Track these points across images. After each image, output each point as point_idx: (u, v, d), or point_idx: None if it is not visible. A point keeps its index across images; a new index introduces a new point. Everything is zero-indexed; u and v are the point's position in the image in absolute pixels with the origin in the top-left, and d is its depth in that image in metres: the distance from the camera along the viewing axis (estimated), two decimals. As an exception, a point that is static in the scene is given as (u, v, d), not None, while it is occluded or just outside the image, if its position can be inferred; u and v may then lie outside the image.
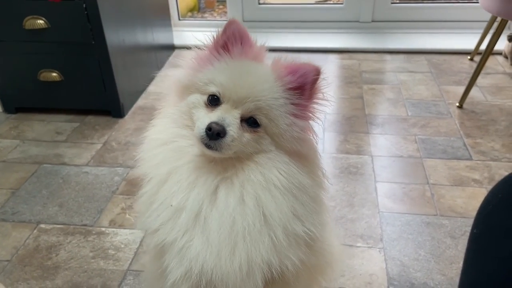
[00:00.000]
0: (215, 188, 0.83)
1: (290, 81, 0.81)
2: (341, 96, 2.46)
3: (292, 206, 0.82)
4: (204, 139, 0.79)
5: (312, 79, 0.81)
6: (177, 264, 0.84)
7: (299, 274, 0.89)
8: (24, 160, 2.02)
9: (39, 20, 2.05)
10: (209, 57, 0.85)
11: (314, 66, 0.80)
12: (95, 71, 2.19)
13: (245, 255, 0.81)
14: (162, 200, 0.85)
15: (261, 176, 0.82)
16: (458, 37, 3.02)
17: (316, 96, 0.83)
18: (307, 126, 0.84)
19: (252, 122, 0.81)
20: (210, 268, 0.82)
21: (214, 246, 0.82)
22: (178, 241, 0.83)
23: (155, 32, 2.72)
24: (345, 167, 1.88)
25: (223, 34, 0.85)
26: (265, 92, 0.80)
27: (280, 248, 0.83)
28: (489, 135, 2.07)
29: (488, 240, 0.70)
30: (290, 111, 0.81)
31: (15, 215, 1.69)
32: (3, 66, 2.25)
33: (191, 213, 0.82)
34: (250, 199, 0.81)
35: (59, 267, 1.47)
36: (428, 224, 1.58)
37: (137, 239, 1.56)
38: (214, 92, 0.82)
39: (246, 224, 0.81)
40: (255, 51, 0.85)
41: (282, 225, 0.82)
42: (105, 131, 2.21)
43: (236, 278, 0.83)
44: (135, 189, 1.79)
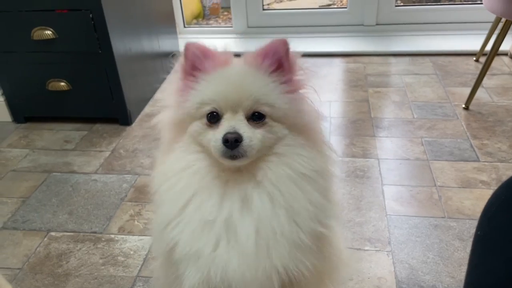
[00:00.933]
0: (248, 195, 0.84)
1: (268, 64, 0.84)
2: (346, 100, 2.47)
3: (317, 196, 0.85)
4: (226, 152, 0.80)
5: (284, 52, 0.84)
6: (195, 271, 0.85)
7: (310, 278, 0.89)
8: (34, 169, 2.04)
9: (47, 30, 2.09)
10: (186, 85, 0.87)
11: (280, 40, 0.83)
12: (102, 79, 2.22)
13: (269, 260, 0.83)
14: (190, 215, 0.85)
15: (287, 167, 0.84)
16: (463, 39, 3.01)
17: (295, 65, 0.86)
18: (301, 97, 0.87)
19: (257, 117, 0.83)
20: (232, 275, 0.83)
21: (241, 254, 0.83)
22: (203, 250, 0.83)
23: (161, 39, 2.75)
24: (352, 171, 1.89)
25: (186, 60, 0.87)
26: (253, 85, 0.82)
27: (299, 252, 0.84)
28: (496, 136, 2.06)
29: (491, 242, 0.71)
30: (283, 90, 0.84)
31: (26, 224, 1.71)
32: (12, 76, 2.29)
33: (224, 224, 0.83)
34: (281, 197, 0.83)
35: (70, 274, 1.49)
36: (436, 227, 1.58)
37: (146, 246, 1.58)
38: (210, 110, 0.83)
39: (277, 226, 0.82)
40: (223, 58, 0.87)
41: (308, 222, 0.84)
42: (113, 138, 2.23)
43: (257, 284, 0.84)
44: (143, 196, 1.82)
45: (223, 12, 4.05)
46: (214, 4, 3.99)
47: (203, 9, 4.00)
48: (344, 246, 1.15)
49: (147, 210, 1.74)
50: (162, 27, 2.81)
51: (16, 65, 2.24)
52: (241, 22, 3.30)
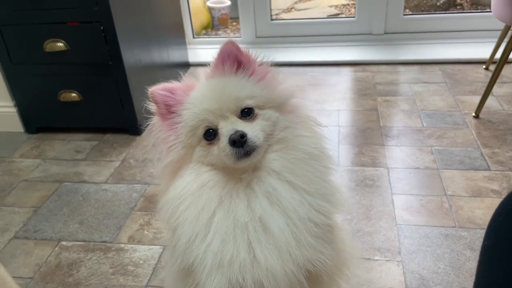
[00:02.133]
0: (273, 188, 0.85)
1: (230, 67, 0.90)
2: (355, 109, 2.47)
3: (324, 172, 0.89)
4: (238, 152, 0.82)
5: (236, 49, 0.90)
6: (220, 277, 0.84)
7: (328, 270, 0.90)
8: (45, 178, 2.07)
9: (59, 43, 2.12)
10: (170, 123, 0.90)
11: (227, 42, 0.90)
12: (113, 90, 2.24)
13: (299, 252, 0.84)
14: (219, 225, 0.85)
15: (296, 151, 0.88)
16: (472, 47, 3.00)
17: (251, 58, 0.92)
18: (270, 80, 0.92)
19: (247, 113, 0.87)
20: (263, 274, 0.83)
21: (275, 251, 0.84)
22: (240, 256, 0.84)
23: (170, 50, 2.78)
24: (361, 180, 1.88)
25: (158, 105, 0.91)
26: (227, 87, 0.87)
27: (319, 243, 0.86)
28: (507, 144, 2.04)
29: (499, 251, 0.70)
30: (254, 80, 0.90)
31: (37, 233, 1.73)
32: (25, 88, 2.33)
33: (256, 223, 0.84)
34: (301, 181, 0.86)
35: (80, 283, 1.50)
36: (446, 236, 1.57)
37: (156, 255, 1.58)
38: (204, 130, 0.86)
39: (304, 213, 0.84)
40: (187, 84, 0.92)
41: (326, 205, 0.87)
42: (123, 148, 2.26)
43: (288, 279, 0.85)
44: (153, 206, 1.82)
45: (232, 23, 4.08)
46: (223, 14, 4.03)
47: (212, 19, 4.03)
48: (349, 241, 1.15)
49: (157, 220, 1.75)
50: (171, 38, 2.85)
51: (28, 76, 2.28)
52: (250, 32, 3.33)
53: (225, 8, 4.01)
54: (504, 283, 0.66)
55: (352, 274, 1.12)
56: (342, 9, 4.25)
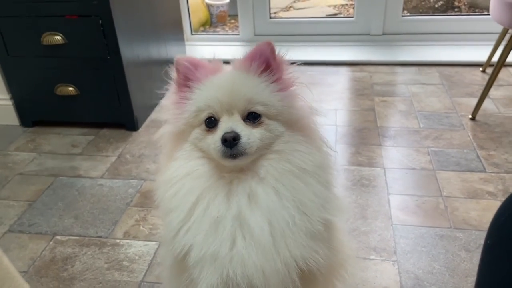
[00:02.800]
0: (253, 191, 0.86)
1: (257, 66, 0.88)
2: (352, 109, 2.47)
3: (320, 188, 0.87)
4: (226, 151, 0.83)
5: (270, 52, 0.88)
6: (212, 273, 0.85)
7: (322, 271, 0.91)
8: (40, 172, 2.05)
9: (57, 36, 2.11)
10: (182, 96, 0.91)
11: (264, 42, 0.87)
12: (110, 85, 2.23)
13: (288, 252, 0.84)
14: (199, 216, 0.86)
15: (288, 163, 0.87)
16: (470, 49, 3.01)
17: (283, 65, 0.90)
18: (293, 94, 0.90)
19: (253, 117, 0.86)
20: (253, 271, 0.84)
21: (259, 248, 0.84)
22: (220, 250, 0.84)
23: (168, 46, 2.77)
24: (358, 180, 1.88)
25: (178, 73, 0.92)
26: (245, 86, 0.86)
27: (313, 242, 0.86)
28: (502, 147, 2.05)
29: (501, 251, 0.71)
30: (274, 88, 0.88)
31: (32, 227, 1.72)
32: (21, 81, 2.31)
33: (234, 220, 0.85)
34: (286, 191, 0.85)
35: (75, 278, 1.49)
36: (442, 237, 1.57)
37: (151, 251, 1.58)
38: (207, 116, 0.87)
39: (288, 217, 0.84)
40: (212, 66, 0.92)
41: (316, 212, 0.86)
42: (120, 144, 2.25)
43: (278, 277, 0.85)
44: (149, 201, 1.82)
45: (230, 20, 4.08)
46: (222, 11, 4.02)
47: (210, 16, 4.03)
48: (347, 242, 1.15)
49: (153, 216, 1.74)
50: (169, 34, 2.84)
51: (25, 69, 2.26)
52: (248, 30, 3.32)
53: (224, 5, 4.01)
54: (506, 282, 0.66)
55: (349, 275, 1.12)
56: (341, 9, 4.26)
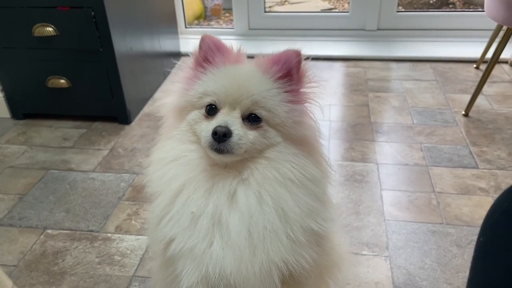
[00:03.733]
0: (233, 191, 0.85)
1: (277, 71, 0.85)
2: (346, 104, 2.47)
3: (306, 200, 0.85)
4: (213, 144, 0.81)
5: (295, 62, 0.84)
6: (193, 269, 0.85)
7: (310, 273, 0.90)
8: (31, 165, 2.03)
9: (48, 27, 2.08)
10: (195, 74, 0.89)
11: (294, 50, 0.84)
12: (103, 78, 2.21)
13: (265, 255, 0.83)
14: (179, 209, 0.86)
15: (276, 171, 0.84)
16: (463, 46, 3.02)
17: (304, 78, 0.87)
18: (304, 110, 0.88)
19: (253, 119, 0.84)
20: (230, 271, 0.83)
21: (235, 249, 0.83)
22: (198, 247, 0.84)
23: (162, 39, 2.74)
24: (351, 175, 1.88)
25: (200, 50, 0.89)
26: (256, 86, 0.84)
27: (297, 246, 0.84)
28: (495, 143, 2.06)
29: (494, 248, 0.71)
30: (286, 98, 0.85)
31: (22, 221, 1.70)
32: (12, 73, 2.28)
33: (211, 218, 0.84)
34: (268, 197, 0.83)
35: (66, 272, 1.48)
36: (434, 233, 1.58)
37: (143, 245, 1.57)
38: (209, 102, 0.86)
39: (266, 222, 0.82)
40: (235, 56, 0.90)
41: (299, 221, 0.84)
42: (112, 137, 2.23)
43: (256, 280, 0.84)
44: (141, 195, 1.81)
45: (225, 14, 4.05)
46: (216, 5, 4.00)
47: (205, 10, 4.00)
48: (341, 243, 1.15)
49: (145, 210, 1.73)
50: (163, 27, 2.81)
51: (16, 61, 2.23)
52: (243, 24, 3.30)
53: (218, -1, 3.98)
54: (499, 279, 0.66)
55: (342, 274, 1.12)
56: (336, 3, 4.25)
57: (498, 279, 0.67)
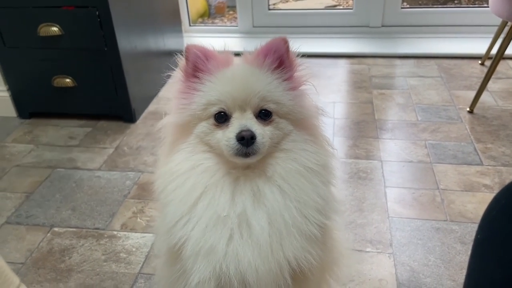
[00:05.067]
0: (259, 190, 0.85)
1: (270, 62, 0.86)
2: (350, 101, 2.47)
3: (324, 188, 0.87)
4: (241, 150, 0.81)
5: (284, 49, 0.86)
6: (205, 266, 0.85)
7: (314, 270, 0.91)
8: (38, 164, 2.05)
9: (53, 27, 2.10)
10: (190, 86, 0.88)
11: (280, 38, 0.86)
12: (108, 77, 2.22)
13: (282, 252, 0.84)
14: (200, 213, 0.85)
15: (295, 163, 0.86)
16: (468, 42, 3.01)
17: (295, 62, 0.89)
18: (303, 93, 0.90)
19: (264, 115, 0.85)
20: (246, 268, 0.84)
21: (255, 247, 0.84)
22: (216, 246, 0.84)
23: (166, 38, 2.75)
24: (355, 172, 1.89)
25: (187, 62, 0.88)
26: (259, 82, 0.85)
27: (309, 242, 0.86)
28: (500, 140, 2.06)
29: (491, 245, 0.71)
30: (286, 87, 0.87)
31: (29, 219, 1.72)
32: (18, 72, 2.30)
33: (238, 218, 0.84)
34: (291, 190, 0.85)
35: (72, 270, 1.50)
36: (438, 230, 1.58)
37: (148, 243, 1.58)
38: (218, 110, 0.85)
39: (289, 218, 0.84)
40: (224, 58, 0.89)
41: (316, 215, 0.86)
42: (117, 136, 2.24)
43: (270, 276, 0.85)
44: (146, 193, 1.83)
45: (229, 11, 4.05)
46: (220, 3, 4.00)
47: (209, 8, 4.00)
48: (342, 240, 1.15)
49: (150, 208, 1.75)
50: (167, 25, 2.82)
51: (22, 60, 2.25)
52: (247, 21, 3.31)
53: (222, -3, 3.98)
54: (496, 276, 0.67)
55: (341, 271, 1.12)
56: (340, 0, 4.23)
57: (495, 276, 0.67)
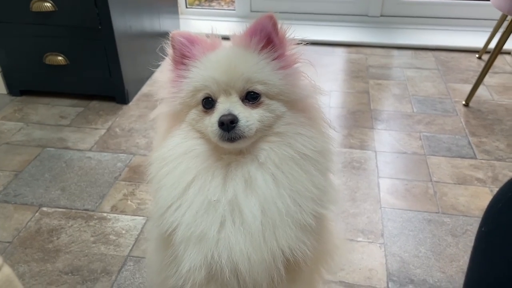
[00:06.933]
0: (250, 176, 0.83)
1: (257, 42, 0.83)
2: (346, 90, 2.45)
3: (320, 177, 0.84)
4: (224, 135, 0.79)
5: (272, 26, 0.83)
6: (196, 253, 0.84)
7: (308, 260, 0.89)
8: (27, 143, 2.02)
9: (47, 3, 2.04)
10: (178, 74, 0.86)
11: (266, 15, 0.83)
12: (101, 56, 2.18)
13: (275, 242, 0.82)
14: (191, 197, 0.84)
15: (290, 148, 0.83)
16: (467, 35, 2.99)
17: (285, 40, 0.85)
18: (296, 71, 0.86)
19: (252, 97, 0.82)
20: (239, 257, 0.82)
21: (247, 235, 0.82)
22: (207, 232, 0.82)
23: (162, 19, 2.70)
24: (348, 162, 1.88)
25: (174, 50, 0.87)
26: (243, 64, 0.81)
27: (304, 232, 0.84)
28: (494, 134, 2.06)
29: (496, 238, 0.70)
30: (276, 66, 0.83)
31: (18, 197, 1.70)
32: (9, 48, 2.25)
33: (229, 205, 0.82)
34: (285, 178, 0.82)
35: (60, 250, 1.48)
36: (429, 222, 1.58)
37: (138, 226, 1.57)
38: (204, 96, 0.83)
39: (282, 206, 0.81)
40: (210, 42, 0.87)
41: (311, 205, 0.83)
42: (109, 117, 2.21)
43: (263, 266, 0.83)
44: (138, 176, 1.80)
45: (227, -5, 3.99)
46: (218, -14, 3.93)
47: (206, -10, 3.93)
48: (337, 230, 1.14)
49: (141, 190, 1.73)
50: (164, 6, 2.77)
51: (13, 36, 2.20)
52: (245, 5, 3.26)
53: (220, -20, 3.91)
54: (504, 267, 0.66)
55: (334, 262, 1.12)
56: (339, -12, 4.18)
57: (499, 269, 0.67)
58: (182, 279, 0.87)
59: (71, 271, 1.40)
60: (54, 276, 1.39)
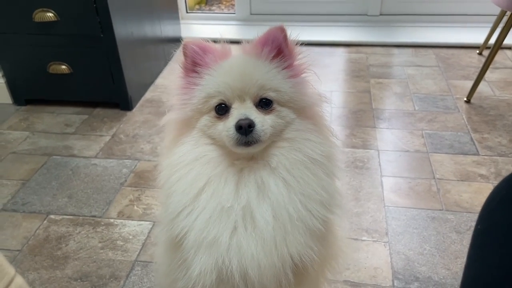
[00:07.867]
0: (263, 181, 0.85)
1: (268, 52, 0.86)
2: (348, 90, 2.46)
3: (328, 181, 0.87)
4: (241, 139, 0.81)
5: (283, 38, 0.86)
6: (207, 257, 0.85)
7: (315, 265, 0.91)
8: (34, 151, 2.04)
9: (49, 13, 2.07)
10: (189, 82, 0.88)
11: (277, 27, 0.85)
12: (104, 63, 2.21)
13: (285, 247, 0.84)
14: (203, 203, 0.85)
15: (299, 153, 0.86)
16: (466, 31, 3.00)
17: (294, 50, 0.88)
18: (304, 81, 0.89)
19: (265, 104, 0.85)
20: (250, 262, 0.83)
21: (259, 241, 0.83)
22: (219, 238, 0.84)
23: (163, 25, 2.73)
24: (351, 161, 1.89)
25: (186, 58, 0.88)
26: (257, 72, 0.84)
27: (312, 237, 0.86)
28: (496, 130, 2.06)
29: (491, 236, 0.71)
30: (286, 75, 0.86)
31: (26, 206, 1.72)
32: (13, 58, 2.28)
33: (242, 210, 0.84)
34: (296, 183, 0.84)
35: (69, 257, 1.50)
36: (433, 219, 1.59)
37: (145, 231, 1.59)
38: (217, 102, 0.85)
39: (293, 211, 0.83)
40: (222, 51, 0.89)
41: (320, 209, 0.85)
42: (114, 123, 2.23)
43: (273, 271, 0.85)
44: (143, 181, 1.82)
45: (226, -2, 4.01)
46: (217, -11, 3.95)
47: (206, -6, 3.96)
48: (342, 234, 1.16)
49: (147, 196, 1.75)
50: (164, 12, 2.79)
51: (17, 47, 2.23)
52: (244, 9, 3.28)
53: (220, -17, 3.93)
54: (497, 266, 0.67)
55: (339, 266, 1.13)
56: (338, -12, 4.19)
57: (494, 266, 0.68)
58: (192, 282, 0.88)
59: (80, 277, 1.43)
60: (64, 283, 1.41)
